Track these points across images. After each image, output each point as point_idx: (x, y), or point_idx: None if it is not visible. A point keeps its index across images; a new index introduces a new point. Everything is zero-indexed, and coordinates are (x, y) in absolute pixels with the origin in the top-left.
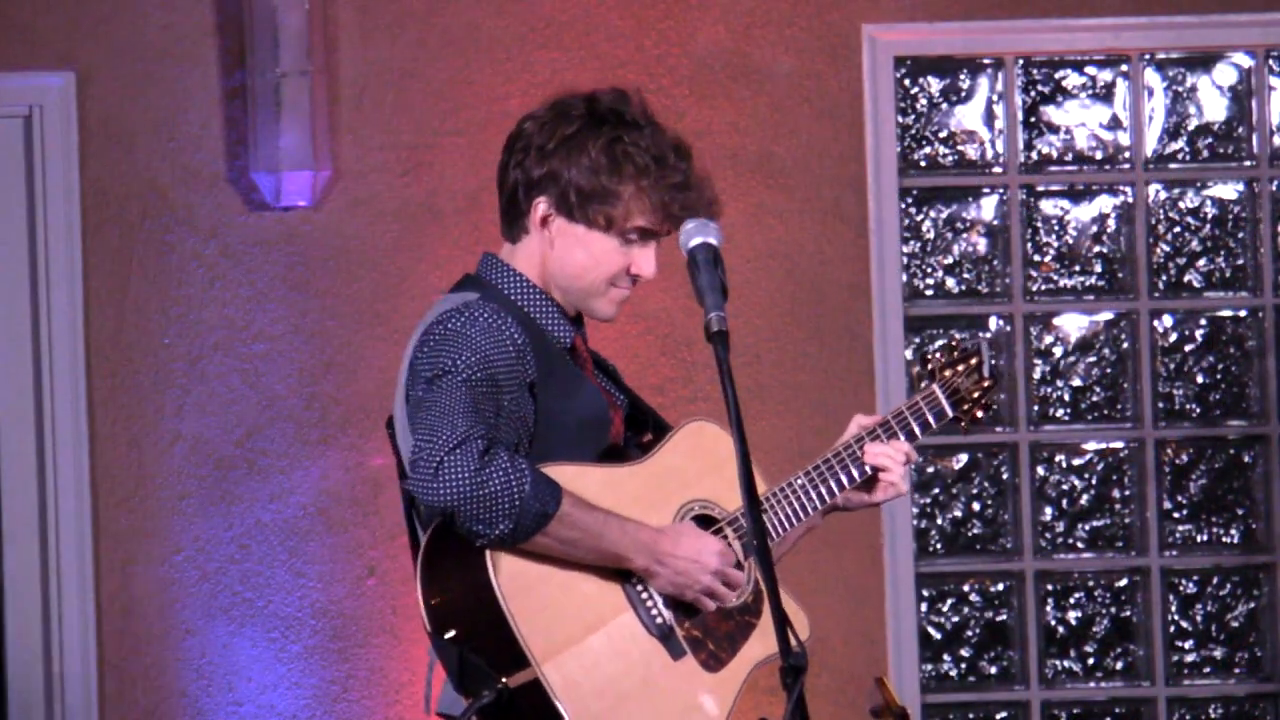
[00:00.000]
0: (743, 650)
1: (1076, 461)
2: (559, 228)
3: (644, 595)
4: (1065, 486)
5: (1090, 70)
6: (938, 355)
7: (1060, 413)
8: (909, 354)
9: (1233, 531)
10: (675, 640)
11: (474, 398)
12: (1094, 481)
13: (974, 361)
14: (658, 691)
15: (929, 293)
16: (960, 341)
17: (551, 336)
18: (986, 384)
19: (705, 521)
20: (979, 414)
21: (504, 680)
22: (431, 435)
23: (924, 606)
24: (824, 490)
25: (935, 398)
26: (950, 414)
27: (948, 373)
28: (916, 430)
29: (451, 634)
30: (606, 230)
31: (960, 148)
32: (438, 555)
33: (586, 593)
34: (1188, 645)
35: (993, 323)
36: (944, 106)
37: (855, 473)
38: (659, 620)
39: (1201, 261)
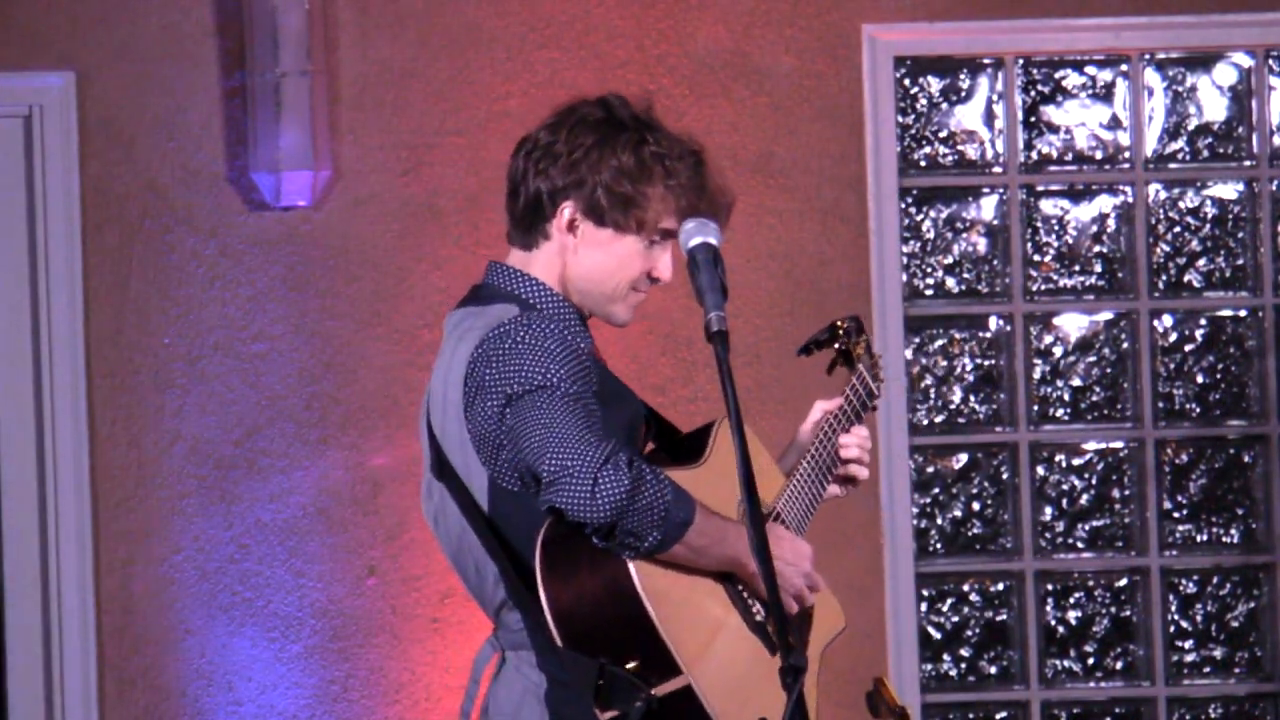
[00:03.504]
0: (811, 637)
1: (1076, 461)
2: (585, 233)
3: (744, 593)
4: (1065, 486)
5: (1090, 70)
6: (842, 339)
7: (1060, 413)
8: (909, 354)
9: (1233, 531)
10: (768, 635)
11: (585, 410)
12: (1094, 481)
13: (864, 338)
14: (768, 685)
15: (929, 293)
16: (844, 322)
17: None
18: (879, 358)
19: None
20: (878, 389)
21: (652, 691)
22: (575, 453)
23: (924, 606)
24: (823, 480)
25: (864, 377)
26: (876, 392)
27: (858, 350)
28: (861, 412)
29: (589, 646)
30: (637, 233)
31: (960, 148)
32: (562, 567)
33: (703, 596)
34: (1188, 645)
35: (993, 323)
36: (944, 106)
37: (837, 464)
38: (759, 617)
39: (1201, 261)
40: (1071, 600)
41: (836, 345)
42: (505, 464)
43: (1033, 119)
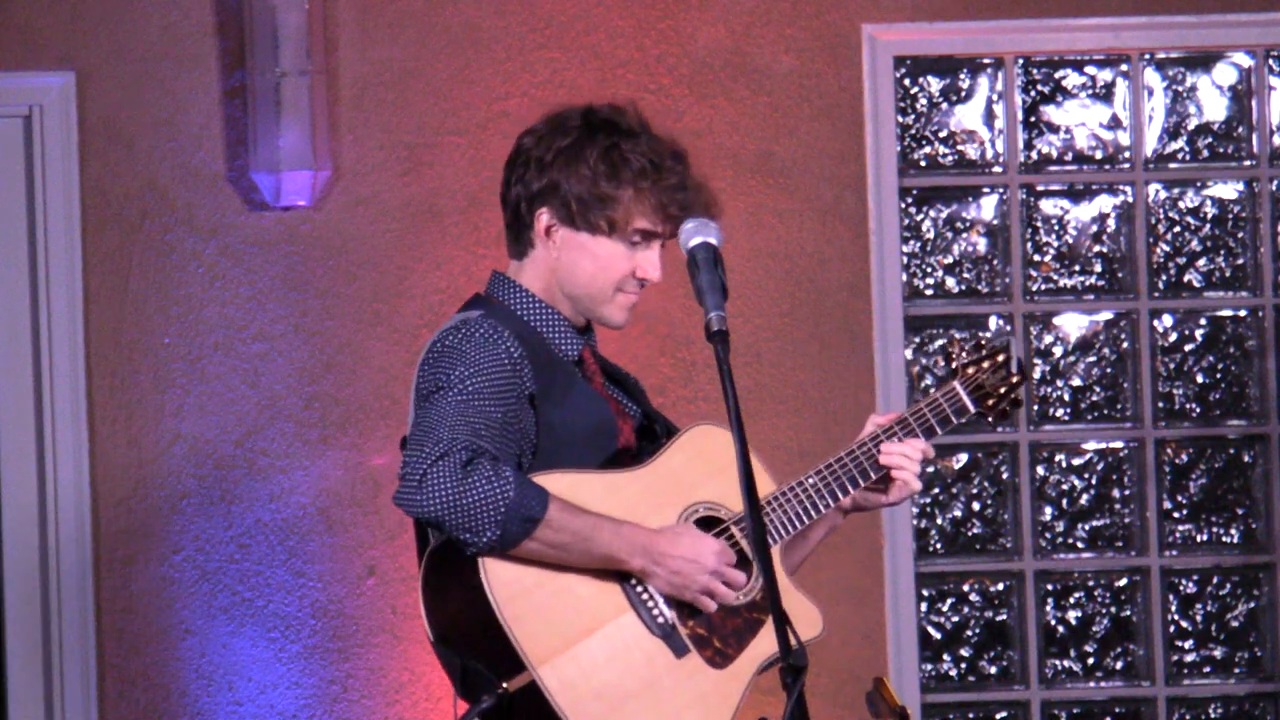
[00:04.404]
0: (750, 647)
1: (1076, 461)
2: (563, 237)
3: (644, 595)
4: (1065, 486)
5: (1090, 70)
6: (962, 353)
7: (1060, 412)
8: (909, 354)
9: (1233, 531)
10: (678, 638)
11: (463, 411)
12: (1094, 481)
13: (1001, 358)
14: (660, 690)
15: (929, 292)
16: (987, 339)
17: (556, 349)
18: (1015, 379)
19: (711, 523)
20: (1006, 408)
21: (504, 685)
22: (416, 449)
23: (924, 606)
24: (836, 489)
25: (956, 394)
26: (973, 409)
27: (971, 369)
28: (936, 427)
29: (451, 641)
30: (610, 235)
31: (960, 147)
32: (439, 566)
33: (583, 595)
34: (1188, 645)
35: (992, 323)
36: (944, 106)
37: (871, 472)
38: (660, 619)
39: (1201, 261)
40: (1071, 600)
41: (951, 361)
42: None
43: (1033, 119)
